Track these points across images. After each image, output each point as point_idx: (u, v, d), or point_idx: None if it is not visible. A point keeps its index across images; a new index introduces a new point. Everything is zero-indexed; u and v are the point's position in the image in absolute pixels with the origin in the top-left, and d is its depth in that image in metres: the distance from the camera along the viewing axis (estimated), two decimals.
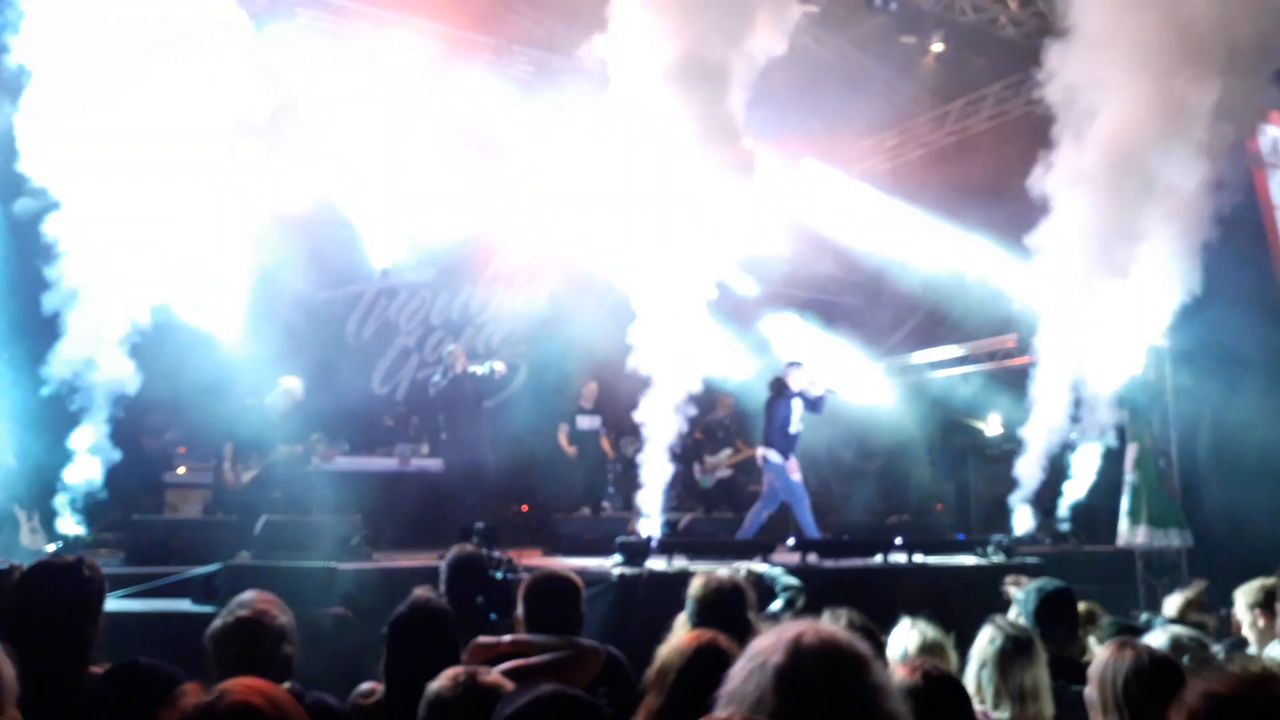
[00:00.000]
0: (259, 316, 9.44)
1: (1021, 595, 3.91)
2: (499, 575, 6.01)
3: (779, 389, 9.45)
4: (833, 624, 3.06)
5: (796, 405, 9.37)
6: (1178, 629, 3.27)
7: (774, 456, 9.29)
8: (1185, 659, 2.91)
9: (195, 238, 8.66)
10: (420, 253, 11.63)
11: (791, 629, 1.79)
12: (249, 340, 9.19)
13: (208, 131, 8.32)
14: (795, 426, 9.34)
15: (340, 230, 11.24)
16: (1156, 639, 3.15)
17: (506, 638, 3.41)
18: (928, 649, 3.40)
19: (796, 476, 9.31)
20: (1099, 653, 2.67)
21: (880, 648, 3.23)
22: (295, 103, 10.61)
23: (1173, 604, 5.13)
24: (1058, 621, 3.66)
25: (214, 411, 8.85)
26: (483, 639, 3.39)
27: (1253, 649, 4.15)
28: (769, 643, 1.76)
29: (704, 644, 2.72)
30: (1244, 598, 4.37)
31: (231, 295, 9.38)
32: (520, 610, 3.48)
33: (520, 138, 12.00)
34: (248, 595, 3.00)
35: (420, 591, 3.40)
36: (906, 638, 3.43)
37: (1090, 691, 2.54)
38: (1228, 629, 4.88)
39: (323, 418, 9.34)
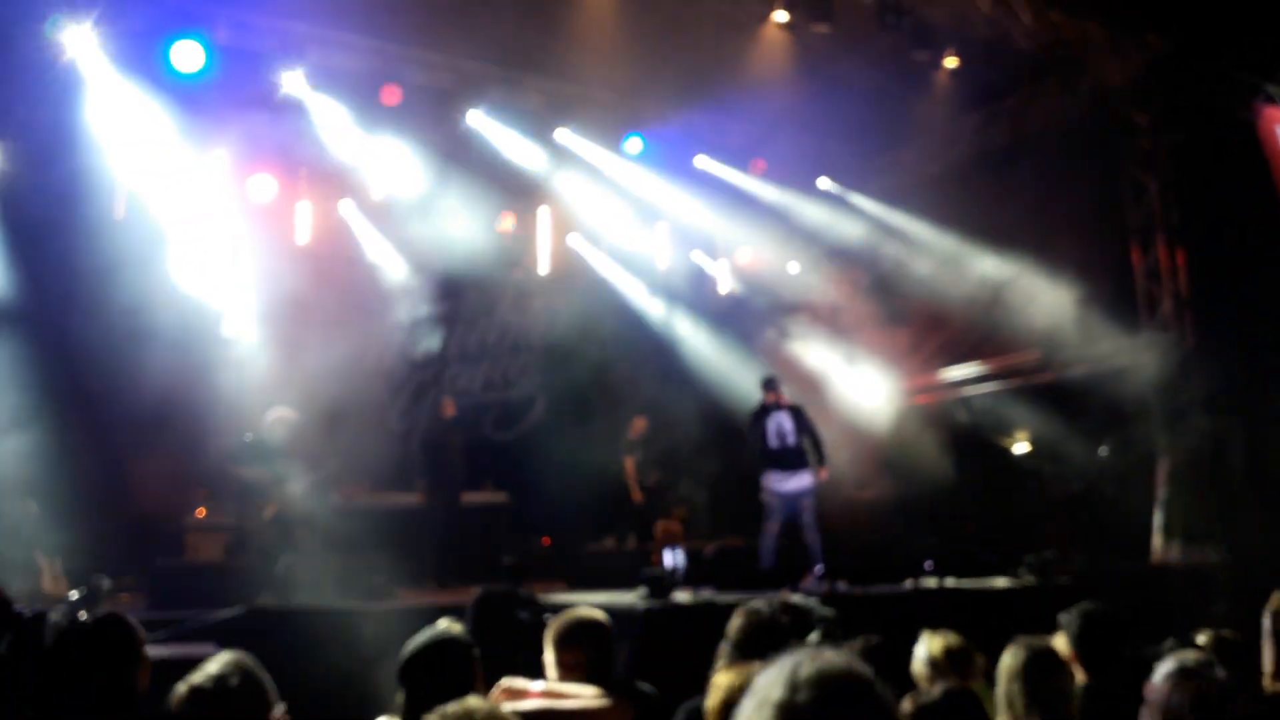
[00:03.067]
0: (279, 348, 9.48)
1: (1065, 619, 3.82)
2: (523, 616, 5.90)
3: (757, 407, 9.37)
4: (847, 650, 3.01)
5: (775, 421, 9.25)
6: (1187, 654, 3.14)
7: (767, 477, 9.17)
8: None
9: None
10: (437, 285, 11.67)
11: (791, 660, 1.73)
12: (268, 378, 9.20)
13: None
14: (777, 442, 9.19)
15: (355, 264, 11.30)
16: (1165, 666, 3.06)
17: (537, 685, 3.28)
18: (953, 654, 3.37)
19: (789, 487, 9.12)
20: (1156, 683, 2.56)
21: (893, 670, 3.15)
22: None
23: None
24: (1099, 644, 3.62)
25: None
26: (509, 683, 3.29)
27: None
28: (771, 676, 1.70)
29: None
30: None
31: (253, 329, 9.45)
32: (550, 656, 3.38)
33: (535, 167, 12.02)
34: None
35: (443, 624, 3.29)
36: (930, 644, 3.40)
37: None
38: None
39: (342, 455, 9.26)
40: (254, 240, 10.64)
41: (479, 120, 11.46)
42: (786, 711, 1.63)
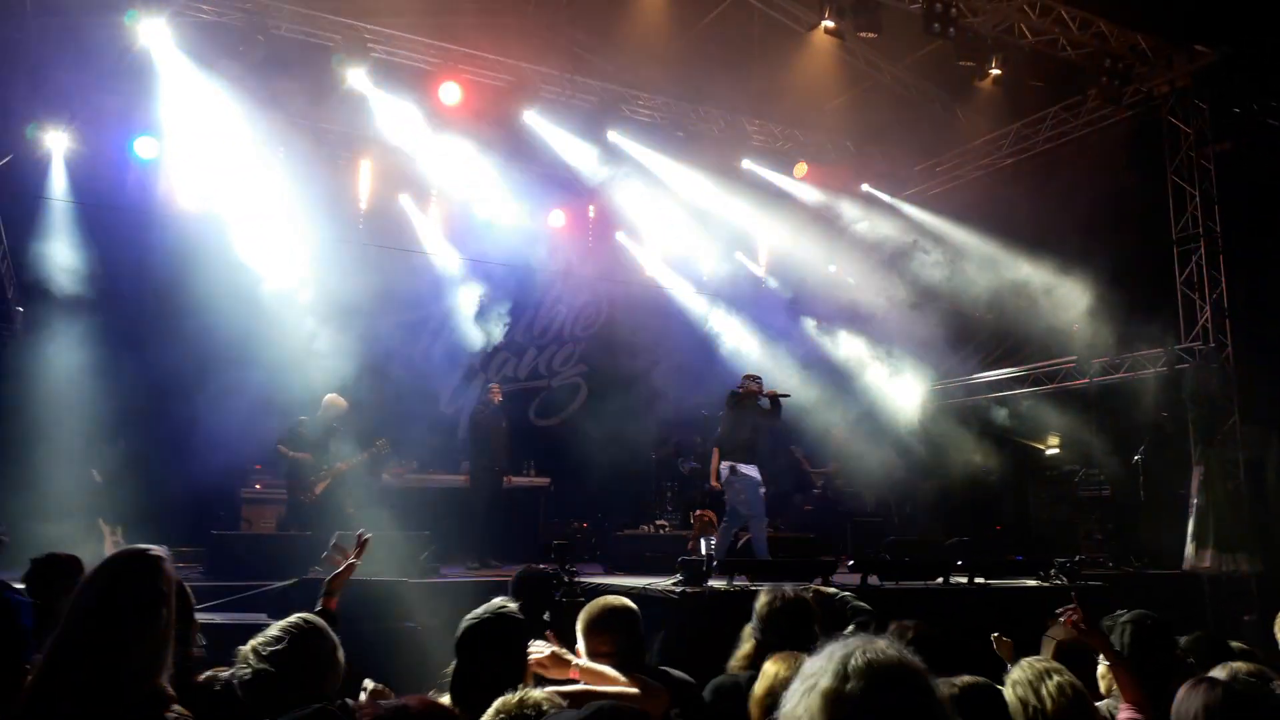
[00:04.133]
0: (339, 332, 9.87)
1: (1113, 625, 3.71)
2: (557, 597, 6.12)
3: (739, 400, 9.20)
4: (894, 639, 3.16)
5: (756, 416, 9.18)
6: (1238, 665, 3.16)
7: (743, 468, 9.05)
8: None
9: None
10: (488, 276, 12.04)
11: (841, 649, 1.77)
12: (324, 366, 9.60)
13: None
14: (749, 434, 9.10)
15: (412, 254, 11.68)
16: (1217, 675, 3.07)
17: (579, 660, 3.31)
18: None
19: (763, 491, 9.11)
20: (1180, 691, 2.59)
21: (944, 661, 3.22)
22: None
23: None
24: (1151, 653, 3.47)
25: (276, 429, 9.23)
26: (556, 649, 3.33)
27: None
28: (819, 664, 1.76)
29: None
30: None
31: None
32: (581, 643, 3.37)
33: (587, 166, 12.33)
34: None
35: (499, 600, 3.31)
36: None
37: None
38: None
39: (392, 437, 9.61)
40: (316, 228, 11.04)
41: (534, 119, 11.78)
42: (835, 700, 1.67)
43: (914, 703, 1.70)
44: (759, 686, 2.91)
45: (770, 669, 2.95)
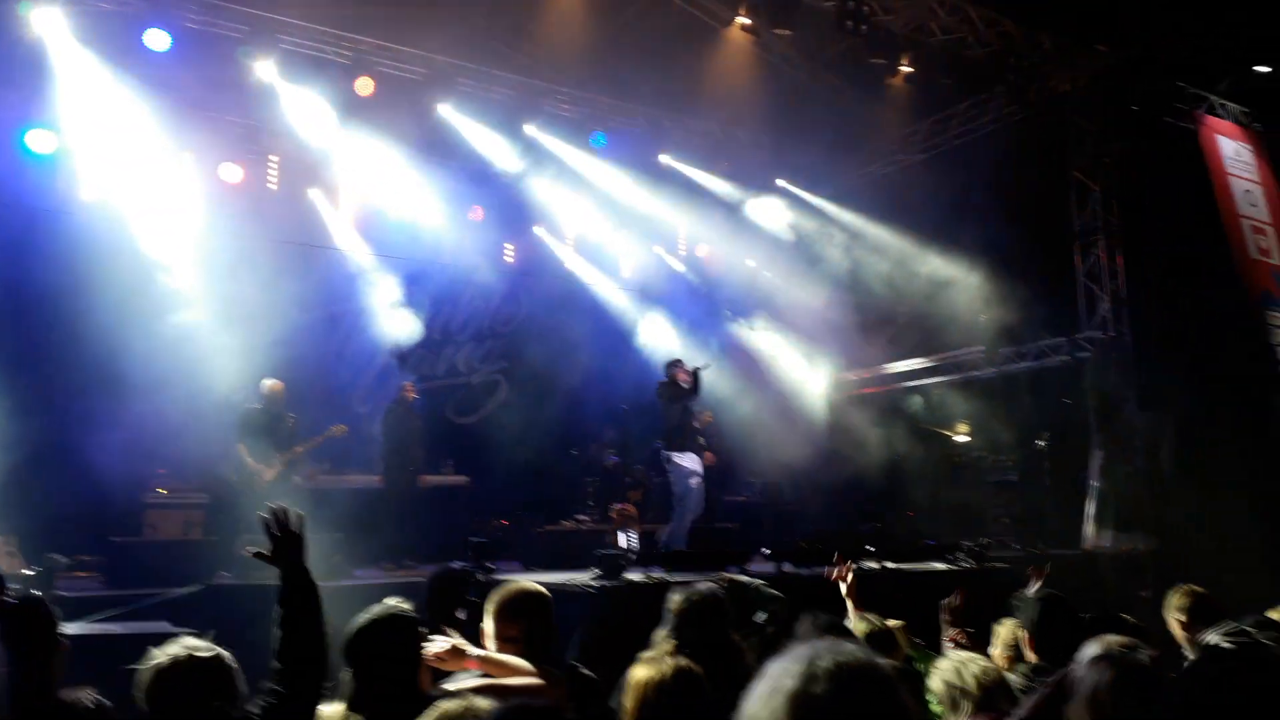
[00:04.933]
0: (243, 329, 9.61)
1: (1021, 603, 3.98)
2: (473, 597, 6.06)
3: (672, 389, 9.30)
4: (813, 629, 3.21)
5: (685, 403, 9.26)
6: (1112, 637, 3.30)
7: (678, 457, 9.20)
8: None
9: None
10: (405, 272, 11.85)
11: (808, 650, 1.73)
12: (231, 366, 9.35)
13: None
14: (683, 422, 9.21)
15: (324, 250, 11.45)
16: (1089, 648, 3.21)
17: (475, 650, 3.27)
18: (875, 638, 3.52)
19: (695, 481, 9.22)
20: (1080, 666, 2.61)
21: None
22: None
23: None
24: (1056, 628, 3.68)
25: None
26: (455, 641, 3.30)
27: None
28: (784, 665, 1.73)
29: (681, 671, 2.74)
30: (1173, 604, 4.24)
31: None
32: (489, 626, 3.34)
33: (504, 161, 12.23)
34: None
35: (390, 601, 3.15)
36: (855, 627, 3.56)
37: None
38: None
39: (304, 438, 9.41)
40: (222, 222, 10.74)
41: (450, 113, 11.63)
42: (801, 703, 1.63)
43: (881, 705, 1.69)
44: (629, 699, 2.81)
45: (636, 675, 2.87)
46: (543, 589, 3.44)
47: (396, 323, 11.80)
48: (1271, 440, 10.75)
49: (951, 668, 3.17)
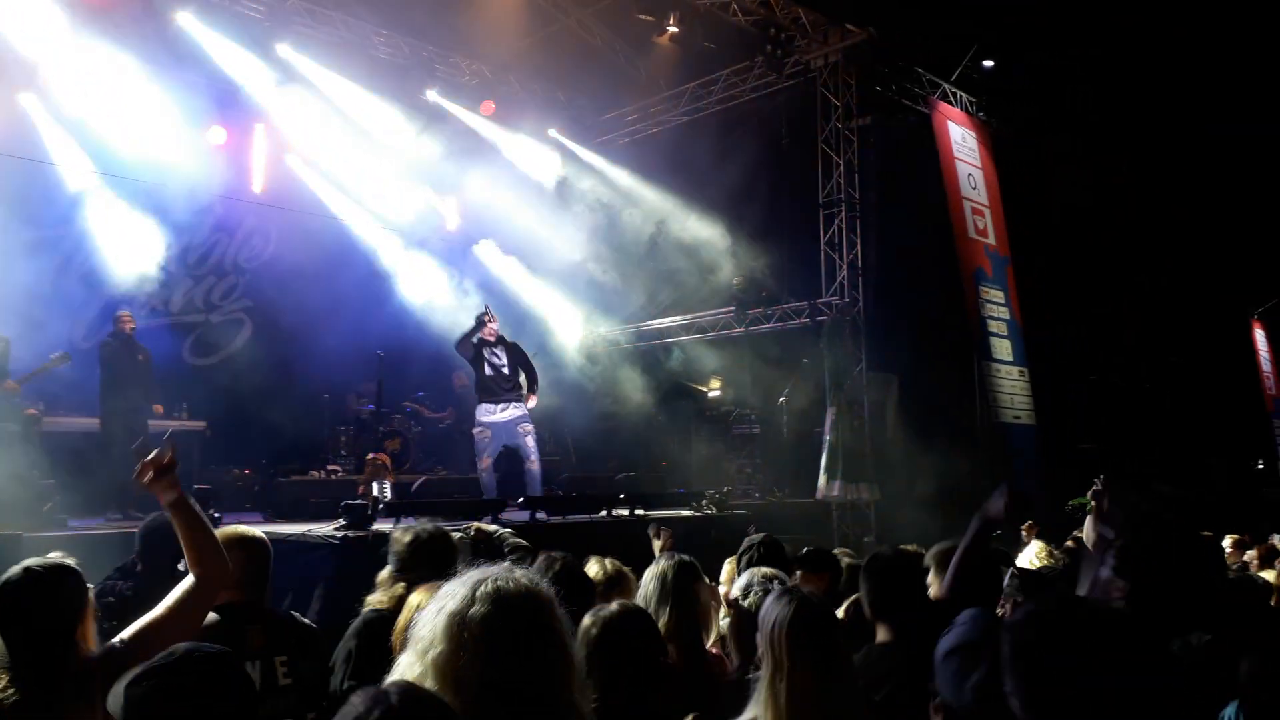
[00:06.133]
0: None
1: (749, 544, 4.38)
2: None
3: (477, 344, 9.29)
4: (541, 570, 3.29)
5: (490, 354, 9.27)
6: (763, 570, 3.63)
7: (480, 411, 9.28)
8: (751, 596, 3.29)
9: None
10: (132, 196, 10.74)
11: (477, 575, 1.86)
12: None
13: None
14: (491, 373, 9.25)
15: (35, 165, 10.18)
16: (740, 581, 3.54)
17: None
18: (610, 579, 3.72)
19: (503, 416, 9.22)
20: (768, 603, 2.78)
21: (586, 590, 3.43)
22: None
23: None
24: (773, 564, 4.04)
25: None
26: None
27: None
28: (452, 588, 1.84)
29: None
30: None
31: None
32: None
33: (247, 78, 11.36)
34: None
35: (54, 555, 2.79)
36: (592, 570, 3.74)
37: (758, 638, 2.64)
38: None
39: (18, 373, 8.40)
40: None
41: (189, 22, 10.62)
42: (460, 622, 1.75)
43: (534, 628, 1.80)
44: (402, 617, 2.90)
45: (414, 600, 2.93)
46: (258, 534, 3.35)
47: (124, 251, 10.69)
48: (977, 402, 12.11)
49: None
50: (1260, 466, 15.70)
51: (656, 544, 5.26)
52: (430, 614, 1.80)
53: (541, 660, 1.80)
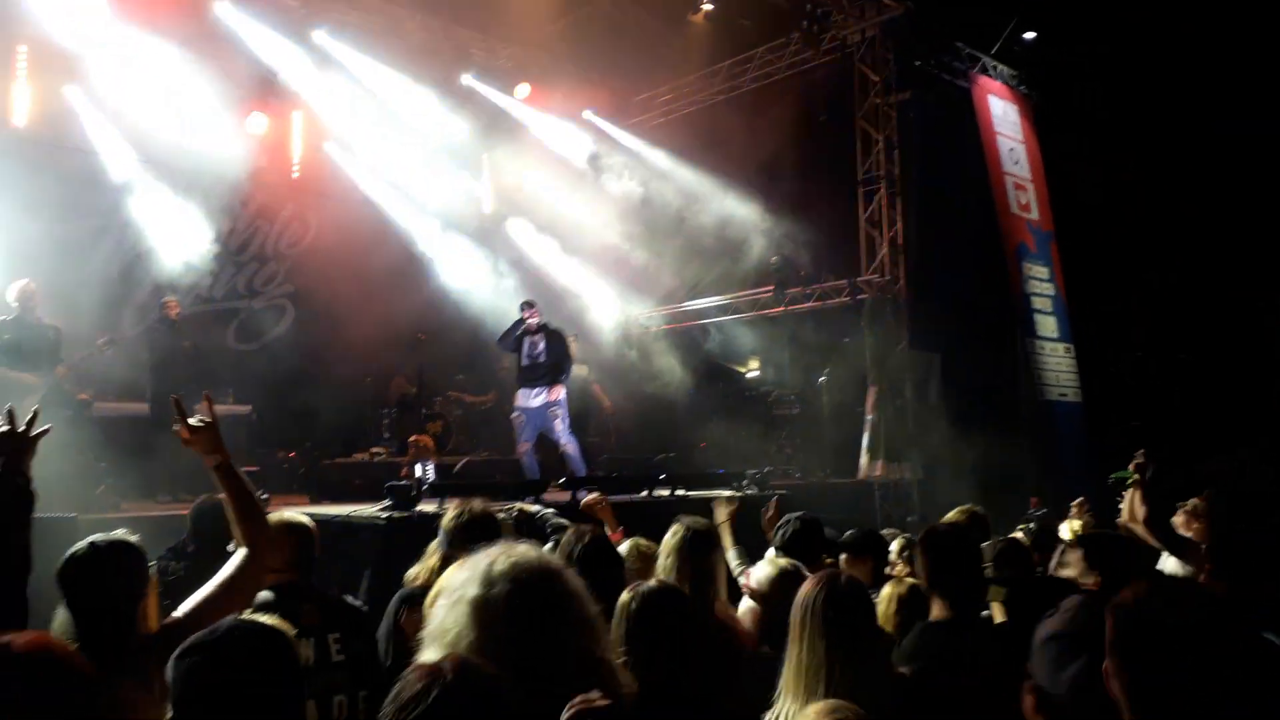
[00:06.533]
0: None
1: (786, 523, 4.32)
2: None
3: (516, 327, 9.55)
4: (570, 542, 3.31)
5: (530, 341, 9.50)
6: (784, 560, 3.63)
7: (519, 396, 9.51)
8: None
9: None
10: (175, 184, 10.88)
11: (483, 559, 1.85)
12: None
13: None
14: (528, 361, 9.49)
15: (80, 154, 10.33)
16: (760, 568, 3.53)
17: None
18: (639, 554, 3.79)
19: (536, 402, 9.42)
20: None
21: (614, 562, 3.40)
22: None
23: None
24: (808, 547, 4.06)
25: None
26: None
27: None
28: (463, 575, 1.82)
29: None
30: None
31: None
32: None
33: (288, 68, 11.44)
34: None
35: (119, 532, 2.80)
36: (624, 550, 3.81)
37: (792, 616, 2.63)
38: None
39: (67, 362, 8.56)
40: None
41: (227, 12, 10.72)
42: (484, 606, 1.74)
43: (555, 598, 1.81)
44: (433, 592, 2.89)
45: (445, 577, 2.94)
46: (305, 519, 3.42)
47: (168, 239, 10.85)
48: (1020, 380, 11.93)
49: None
50: None
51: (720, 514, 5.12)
52: (448, 604, 1.79)
53: (569, 623, 1.82)
